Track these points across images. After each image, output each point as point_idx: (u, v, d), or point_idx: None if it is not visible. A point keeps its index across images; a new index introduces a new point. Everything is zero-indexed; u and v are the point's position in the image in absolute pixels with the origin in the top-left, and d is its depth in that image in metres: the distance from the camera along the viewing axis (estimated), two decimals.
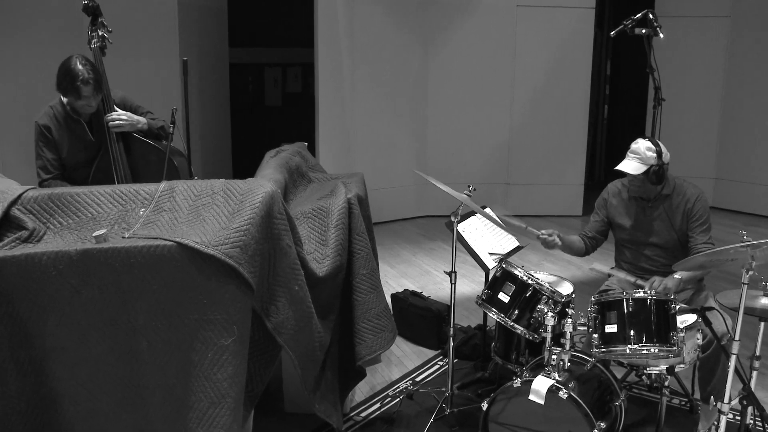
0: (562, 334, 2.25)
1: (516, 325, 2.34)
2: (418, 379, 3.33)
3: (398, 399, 3.06)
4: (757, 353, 2.30)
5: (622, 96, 9.17)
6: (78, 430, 2.13)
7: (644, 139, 2.81)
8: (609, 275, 2.91)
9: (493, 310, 2.39)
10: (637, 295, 2.19)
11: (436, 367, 3.47)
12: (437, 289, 4.64)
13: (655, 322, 2.15)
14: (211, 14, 6.80)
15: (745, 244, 1.98)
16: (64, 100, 2.89)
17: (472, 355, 3.48)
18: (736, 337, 2.08)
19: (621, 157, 2.85)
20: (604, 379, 2.38)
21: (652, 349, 2.14)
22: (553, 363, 2.22)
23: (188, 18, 6.16)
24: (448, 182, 7.29)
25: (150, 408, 2.13)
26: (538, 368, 2.32)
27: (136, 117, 3.03)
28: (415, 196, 7.03)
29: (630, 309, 2.16)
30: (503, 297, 2.38)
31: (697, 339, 2.40)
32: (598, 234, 3.04)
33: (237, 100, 8.12)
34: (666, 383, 2.43)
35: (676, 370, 2.35)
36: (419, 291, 3.92)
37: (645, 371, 2.36)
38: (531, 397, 2.18)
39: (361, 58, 6.42)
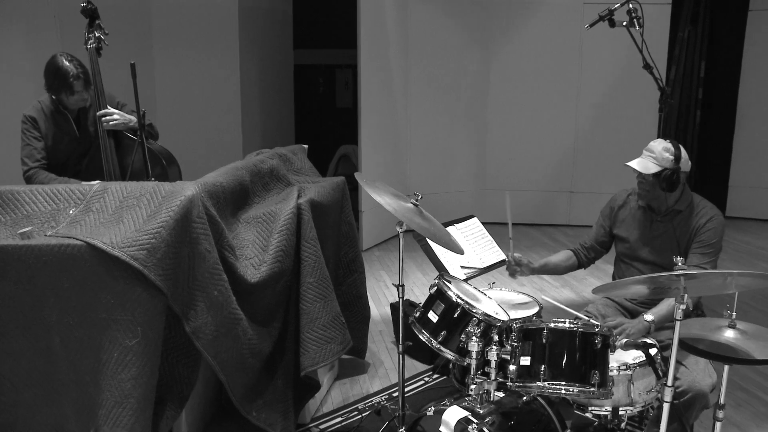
0: (488, 362, 2.03)
1: (443, 348, 2.15)
2: (396, 394, 3.18)
3: (362, 414, 2.94)
4: (721, 401, 1.96)
5: (716, 101, 8.32)
6: (3, 419, 2.21)
7: (666, 140, 2.52)
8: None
9: (423, 331, 2.21)
10: (554, 324, 1.93)
11: (421, 382, 3.30)
12: None
13: (577, 357, 1.89)
14: (275, 17, 6.95)
15: (677, 273, 1.68)
16: (53, 96, 3.05)
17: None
18: (669, 382, 1.78)
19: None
20: (544, 416, 2.13)
21: (571, 388, 1.87)
22: (472, 393, 2.02)
23: (250, 21, 6.34)
24: (509, 188, 7.00)
25: (65, 403, 2.18)
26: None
27: (128, 116, 3.14)
28: (472, 202, 6.79)
29: (545, 340, 1.91)
30: (432, 316, 2.20)
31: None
32: (597, 244, 2.76)
33: (305, 102, 8.26)
34: (622, 425, 2.14)
35: (626, 412, 2.06)
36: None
37: (590, 411, 2.09)
38: (441, 428, 1.99)
39: (415, 59, 6.30)
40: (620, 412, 2.07)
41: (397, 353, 3.62)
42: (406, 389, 3.23)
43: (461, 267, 2.81)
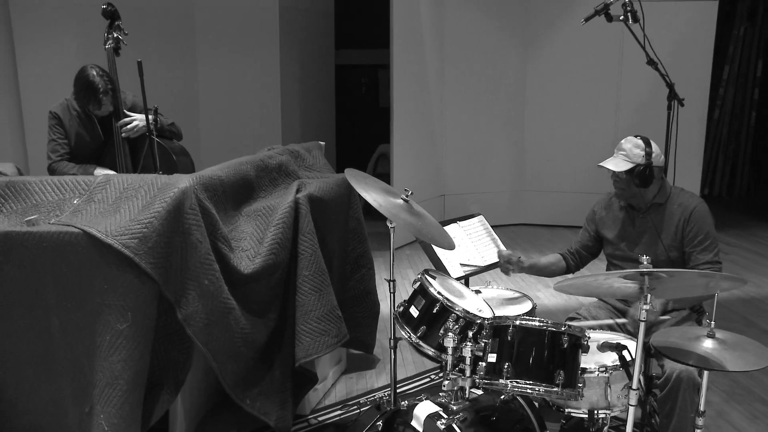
0: (462, 359, 2.02)
1: (422, 343, 2.15)
2: (399, 390, 3.19)
3: (362, 408, 2.97)
4: (701, 408, 1.90)
5: None
6: (7, 394, 2.35)
7: (636, 137, 2.49)
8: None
9: (405, 326, 2.22)
10: (521, 322, 1.90)
11: (427, 379, 3.31)
12: None
13: (543, 356, 1.85)
14: (316, 17, 7.06)
15: (641, 270, 1.64)
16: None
17: None
18: (633, 385, 1.73)
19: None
20: (522, 416, 2.10)
21: (537, 388, 1.84)
22: (446, 389, 2.02)
23: (290, 21, 6.46)
24: (548, 190, 6.84)
25: (64, 382, 2.30)
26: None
27: (142, 116, 3.26)
28: (509, 203, 6.73)
29: (510, 338, 1.88)
30: (414, 311, 2.20)
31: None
32: (583, 250, 2.72)
33: (348, 102, 8.34)
34: (605, 429, 2.09)
35: (606, 415, 2.02)
36: None
37: (566, 413, 2.05)
38: (413, 422, 2.00)
39: (451, 58, 6.28)
40: (600, 415, 2.03)
41: (408, 349, 3.66)
42: (410, 386, 3.26)
43: (461, 264, 2.80)
